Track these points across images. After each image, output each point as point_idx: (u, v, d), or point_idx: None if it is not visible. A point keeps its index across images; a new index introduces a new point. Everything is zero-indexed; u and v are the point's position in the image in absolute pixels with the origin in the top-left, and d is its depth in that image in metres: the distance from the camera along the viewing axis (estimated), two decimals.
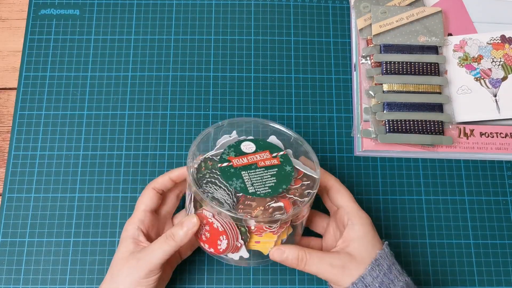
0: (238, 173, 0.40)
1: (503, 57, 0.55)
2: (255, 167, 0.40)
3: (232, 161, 0.40)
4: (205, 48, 0.57)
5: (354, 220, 0.41)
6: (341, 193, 0.43)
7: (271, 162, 0.41)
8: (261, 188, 0.39)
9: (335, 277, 0.39)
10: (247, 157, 0.41)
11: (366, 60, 0.55)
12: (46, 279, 0.48)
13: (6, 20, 0.58)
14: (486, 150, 0.52)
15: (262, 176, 0.40)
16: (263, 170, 0.40)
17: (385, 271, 0.39)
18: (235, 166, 0.40)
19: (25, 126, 0.53)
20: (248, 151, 0.41)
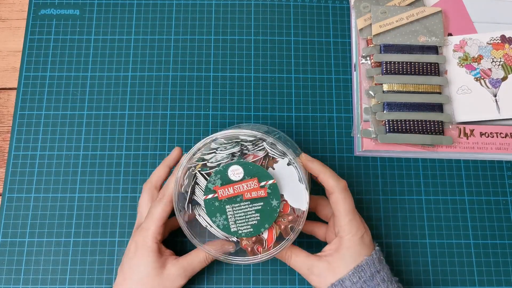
0: (222, 208, 0.40)
1: (503, 57, 0.55)
2: (240, 200, 0.40)
3: (217, 192, 0.40)
4: (205, 48, 0.57)
5: (343, 234, 0.42)
6: (338, 203, 0.42)
7: (258, 193, 0.40)
8: (243, 226, 0.40)
9: (312, 282, 0.42)
10: (233, 187, 0.40)
11: (366, 60, 0.55)
12: (46, 279, 0.48)
13: (6, 20, 0.58)
14: (486, 150, 0.52)
15: (246, 212, 0.40)
16: (248, 204, 0.40)
17: (367, 278, 0.40)
18: (220, 199, 0.40)
19: (25, 126, 0.53)
20: (236, 178, 0.40)
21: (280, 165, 0.41)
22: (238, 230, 0.40)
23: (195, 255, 0.44)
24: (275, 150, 0.41)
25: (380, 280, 0.40)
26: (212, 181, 0.40)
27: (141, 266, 0.42)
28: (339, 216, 0.42)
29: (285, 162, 0.41)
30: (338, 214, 0.42)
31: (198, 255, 0.44)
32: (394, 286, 0.41)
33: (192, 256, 0.44)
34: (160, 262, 0.42)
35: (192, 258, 0.43)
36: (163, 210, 0.43)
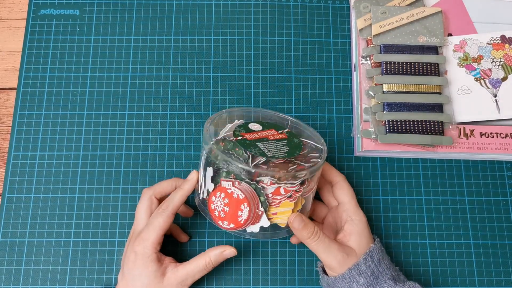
0: (254, 144, 0.42)
1: (503, 57, 0.55)
2: (267, 140, 0.44)
3: (245, 136, 0.43)
4: (205, 48, 0.57)
5: (354, 217, 0.45)
6: (344, 190, 0.46)
7: (280, 136, 0.45)
8: (277, 153, 0.42)
9: (338, 264, 0.43)
10: (257, 133, 0.44)
11: (366, 60, 0.55)
12: (46, 279, 0.48)
13: (6, 20, 0.58)
14: (486, 150, 0.52)
15: (276, 145, 0.43)
16: (275, 142, 0.44)
17: (376, 263, 0.43)
18: (250, 139, 0.43)
19: (25, 126, 0.53)
20: (256, 129, 0.45)
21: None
22: (275, 155, 0.42)
23: (195, 264, 0.43)
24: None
25: (385, 267, 0.44)
26: (237, 130, 0.44)
27: (142, 276, 0.42)
28: (347, 201, 0.46)
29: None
30: (345, 199, 0.46)
31: (198, 264, 0.43)
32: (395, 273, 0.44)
33: (192, 265, 0.43)
34: (160, 270, 0.43)
35: (191, 267, 0.43)
36: (165, 221, 0.43)
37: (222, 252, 0.43)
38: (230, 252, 0.44)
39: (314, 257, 0.50)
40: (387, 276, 0.43)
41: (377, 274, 0.43)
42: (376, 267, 0.43)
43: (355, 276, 0.42)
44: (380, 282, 0.42)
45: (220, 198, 0.41)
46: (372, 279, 0.42)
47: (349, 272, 0.42)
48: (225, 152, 0.42)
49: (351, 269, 0.42)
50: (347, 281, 0.42)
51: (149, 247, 0.42)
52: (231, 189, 0.40)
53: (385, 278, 0.43)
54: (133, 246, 0.43)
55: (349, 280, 0.42)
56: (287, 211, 0.42)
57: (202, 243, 0.50)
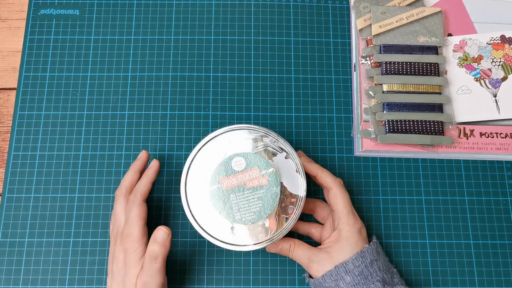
0: (226, 197, 0.42)
1: (503, 57, 0.55)
2: (243, 189, 0.43)
3: (222, 183, 0.43)
4: (205, 48, 0.57)
5: (342, 226, 0.45)
6: (337, 198, 0.46)
7: (259, 182, 0.43)
8: (246, 213, 0.42)
9: (311, 269, 0.45)
10: (236, 177, 0.43)
11: (366, 60, 0.55)
12: (46, 279, 0.48)
13: (6, 20, 0.58)
14: (486, 150, 0.52)
15: (249, 199, 0.42)
16: (251, 192, 0.43)
17: (367, 263, 0.43)
18: (225, 189, 0.43)
19: (25, 126, 0.53)
20: (238, 169, 0.43)
21: (278, 158, 0.44)
22: (242, 218, 0.42)
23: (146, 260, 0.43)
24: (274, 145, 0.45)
25: (377, 268, 0.44)
26: (217, 172, 0.43)
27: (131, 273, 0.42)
28: (338, 209, 0.45)
29: (283, 156, 0.44)
30: (337, 207, 0.45)
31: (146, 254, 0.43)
32: (388, 276, 0.44)
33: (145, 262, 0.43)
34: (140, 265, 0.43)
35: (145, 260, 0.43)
36: (139, 210, 0.44)
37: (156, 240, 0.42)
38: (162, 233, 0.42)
39: None
40: (377, 278, 0.43)
41: (367, 274, 0.43)
42: (367, 268, 0.43)
43: (342, 274, 0.43)
44: (368, 283, 0.43)
45: None
46: (360, 279, 0.43)
47: (335, 269, 0.43)
48: None
49: (338, 267, 0.43)
50: (334, 279, 0.43)
51: (134, 241, 0.43)
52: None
53: (374, 279, 0.43)
54: (121, 245, 0.43)
55: (336, 278, 0.43)
56: None
57: (202, 243, 0.50)
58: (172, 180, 0.52)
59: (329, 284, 0.43)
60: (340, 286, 0.43)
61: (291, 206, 0.43)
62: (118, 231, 0.45)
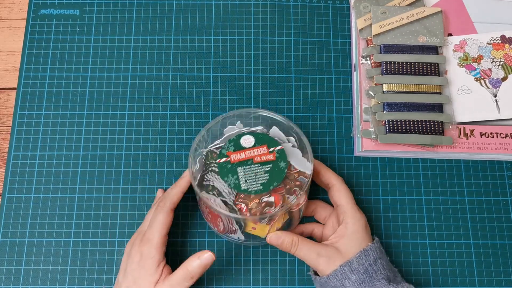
0: (234, 169, 0.42)
1: (503, 57, 0.55)
2: (250, 163, 0.43)
3: (230, 157, 0.43)
4: (205, 48, 0.57)
5: (348, 219, 0.45)
6: (341, 193, 0.46)
7: (267, 157, 0.43)
8: (253, 184, 0.42)
9: (320, 265, 0.44)
10: (244, 152, 0.43)
11: (366, 60, 0.55)
12: (46, 279, 0.48)
13: (6, 20, 0.58)
14: (486, 150, 0.52)
15: (256, 172, 0.43)
16: (258, 166, 0.43)
17: (371, 261, 0.43)
18: (233, 162, 0.43)
19: (25, 126, 0.53)
20: (247, 145, 0.44)
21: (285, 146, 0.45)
22: (248, 188, 0.42)
23: (175, 277, 0.42)
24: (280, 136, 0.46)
25: (381, 266, 0.43)
26: (226, 147, 0.43)
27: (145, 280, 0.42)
28: (343, 204, 0.46)
29: (289, 145, 0.45)
30: (341, 202, 0.46)
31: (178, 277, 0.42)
32: (391, 274, 0.44)
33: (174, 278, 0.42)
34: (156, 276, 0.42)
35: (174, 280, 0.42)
36: (165, 218, 0.44)
37: (199, 260, 0.42)
38: (207, 257, 0.42)
39: None
40: (381, 275, 0.43)
41: (371, 272, 0.43)
42: (371, 266, 0.43)
43: (347, 273, 0.42)
44: (374, 281, 0.42)
45: (204, 205, 0.44)
46: (365, 277, 0.42)
47: (340, 269, 0.42)
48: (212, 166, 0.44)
49: (343, 266, 0.42)
50: (339, 278, 0.42)
51: (153, 248, 0.43)
52: (209, 203, 0.42)
53: (379, 277, 0.43)
54: (139, 247, 0.43)
55: (341, 277, 0.42)
56: (264, 228, 0.44)
57: (202, 243, 0.50)
58: (172, 180, 0.52)
59: (335, 283, 0.43)
60: (345, 285, 0.42)
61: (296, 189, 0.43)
62: (140, 231, 0.45)
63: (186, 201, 0.50)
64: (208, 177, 0.44)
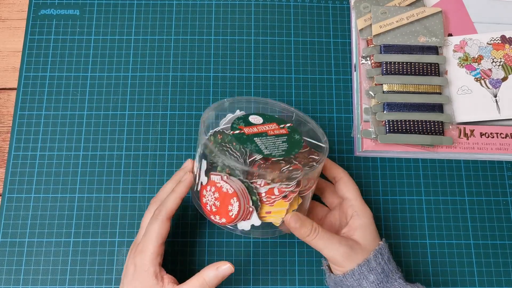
0: (251, 139, 0.41)
1: (503, 58, 0.55)
2: (266, 135, 0.42)
3: (243, 130, 0.41)
4: (205, 48, 0.57)
5: (359, 212, 0.44)
6: (349, 186, 0.45)
7: (280, 131, 0.43)
8: (275, 150, 0.40)
9: (342, 258, 0.41)
10: (257, 127, 0.42)
11: (366, 60, 0.55)
12: (46, 279, 0.48)
13: (6, 20, 0.58)
14: (486, 151, 0.52)
15: (274, 142, 0.41)
16: (274, 137, 0.42)
17: (386, 260, 0.42)
18: (247, 134, 0.41)
19: (25, 126, 0.53)
20: (257, 122, 0.43)
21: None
22: (271, 153, 0.40)
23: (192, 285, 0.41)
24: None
25: (394, 265, 0.43)
26: (236, 123, 0.42)
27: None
28: (351, 197, 0.45)
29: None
30: (349, 194, 0.45)
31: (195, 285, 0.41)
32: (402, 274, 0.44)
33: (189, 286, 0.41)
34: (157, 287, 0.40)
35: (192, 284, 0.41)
36: (160, 227, 0.41)
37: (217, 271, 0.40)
38: (226, 269, 0.41)
39: (314, 257, 0.50)
40: (397, 275, 0.42)
41: (388, 272, 0.42)
42: (387, 265, 0.42)
43: (365, 273, 0.41)
44: (391, 281, 0.42)
45: (211, 192, 0.40)
46: (383, 277, 0.41)
47: (358, 268, 0.41)
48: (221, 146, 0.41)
49: (361, 266, 0.41)
50: (357, 278, 0.41)
51: (147, 259, 0.41)
52: (220, 183, 0.39)
53: (396, 277, 0.42)
54: (133, 258, 0.41)
55: (359, 277, 0.41)
56: (281, 210, 0.41)
57: (202, 243, 0.50)
58: None
59: (351, 283, 0.41)
60: (362, 285, 0.41)
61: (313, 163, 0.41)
62: (136, 240, 0.44)
63: (186, 201, 0.50)
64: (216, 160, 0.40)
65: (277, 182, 0.39)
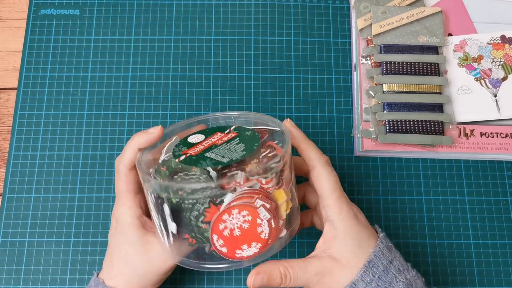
0: (202, 157, 0.35)
1: (503, 57, 0.55)
2: (215, 147, 0.36)
3: (188, 152, 0.36)
4: (205, 48, 0.57)
5: (333, 215, 0.35)
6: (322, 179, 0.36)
7: (228, 136, 0.37)
8: (234, 155, 0.35)
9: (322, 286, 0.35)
10: (201, 144, 0.37)
11: (366, 60, 0.55)
12: (46, 279, 0.48)
13: (6, 20, 0.58)
14: (486, 150, 0.52)
15: (228, 148, 0.36)
16: (226, 144, 0.36)
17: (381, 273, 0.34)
18: (196, 154, 0.36)
19: (25, 126, 0.53)
20: (199, 140, 0.38)
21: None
22: (232, 158, 0.34)
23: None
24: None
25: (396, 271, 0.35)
26: (177, 150, 0.37)
27: (125, 244, 0.38)
28: (324, 194, 0.36)
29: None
30: (323, 191, 0.36)
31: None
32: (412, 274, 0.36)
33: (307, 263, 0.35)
34: (145, 239, 0.37)
35: None
36: (126, 181, 0.38)
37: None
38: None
39: None
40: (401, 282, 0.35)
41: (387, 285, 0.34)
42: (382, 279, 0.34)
43: None
44: None
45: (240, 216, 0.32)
46: None
47: None
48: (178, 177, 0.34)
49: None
50: None
51: (127, 213, 0.38)
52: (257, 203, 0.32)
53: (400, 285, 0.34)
54: (113, 213, 0.40)
55: None
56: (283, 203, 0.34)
57: None
58: None
59: None
60: None
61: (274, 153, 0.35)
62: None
63: None
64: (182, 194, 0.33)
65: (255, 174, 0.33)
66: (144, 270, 0.38)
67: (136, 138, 0.38)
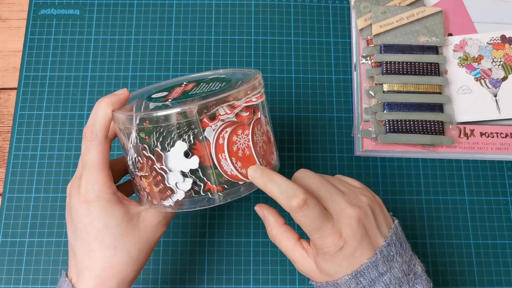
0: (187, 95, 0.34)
1: (503, 57, 0.55)
2: (188, 91, 0.34)
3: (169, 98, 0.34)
4: (205, 48, 0.57)
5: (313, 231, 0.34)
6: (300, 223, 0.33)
7: (192, 85, 0.36)
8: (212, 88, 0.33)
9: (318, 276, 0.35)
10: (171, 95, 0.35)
11: (366, 60, 0.55)
12: (46, 279, 0.48)
13: (6, 20, 0.58)
14: (486, 150, 0.52)
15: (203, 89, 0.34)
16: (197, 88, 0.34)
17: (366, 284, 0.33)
18: (178, 96, 0.34)
19: (25, 126, 0.53)
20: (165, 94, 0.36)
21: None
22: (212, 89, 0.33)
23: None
24: None
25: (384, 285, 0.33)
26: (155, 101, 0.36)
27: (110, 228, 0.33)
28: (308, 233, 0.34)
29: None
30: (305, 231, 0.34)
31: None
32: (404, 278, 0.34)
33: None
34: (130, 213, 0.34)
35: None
36: (101, 150, 0.34)
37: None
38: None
39: None
40: None
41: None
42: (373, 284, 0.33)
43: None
44: None
45: (260, 133, 0.33)
46: None
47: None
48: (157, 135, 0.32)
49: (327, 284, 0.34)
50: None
51: (103, 190, 0.33)
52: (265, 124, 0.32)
53: None
54: (80, 196, 0.34)
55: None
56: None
57: (202, 243, 0.50)
58: None
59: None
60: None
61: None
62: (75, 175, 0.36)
63: None
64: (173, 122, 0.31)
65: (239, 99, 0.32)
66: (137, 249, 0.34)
67: (105, 100, 0.34)
